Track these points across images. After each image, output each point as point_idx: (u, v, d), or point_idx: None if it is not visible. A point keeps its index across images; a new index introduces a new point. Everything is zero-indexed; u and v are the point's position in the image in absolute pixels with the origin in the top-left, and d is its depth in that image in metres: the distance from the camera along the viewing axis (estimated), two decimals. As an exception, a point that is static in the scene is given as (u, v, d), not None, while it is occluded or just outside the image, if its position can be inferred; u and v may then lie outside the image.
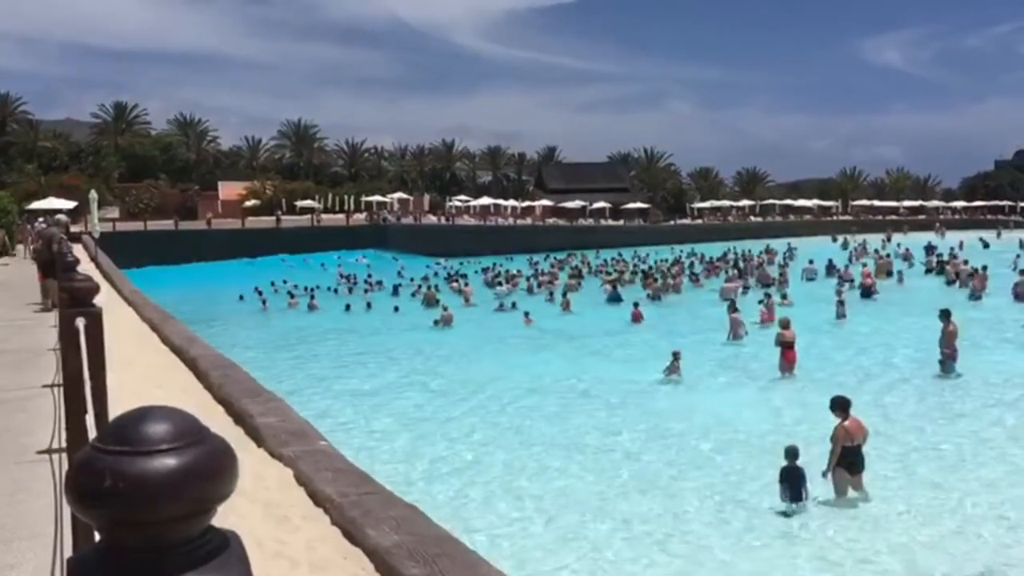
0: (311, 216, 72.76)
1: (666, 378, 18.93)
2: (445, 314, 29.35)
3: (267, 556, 4.51)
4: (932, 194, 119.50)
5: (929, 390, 17.84)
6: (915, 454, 13.25)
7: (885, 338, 24.42)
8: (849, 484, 11.18)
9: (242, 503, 5.24)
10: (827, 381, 18.30)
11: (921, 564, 9.24)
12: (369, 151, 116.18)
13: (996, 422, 15.07)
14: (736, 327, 24.29)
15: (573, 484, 12.31)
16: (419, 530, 4.46)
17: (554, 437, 14.86)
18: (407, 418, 16.57)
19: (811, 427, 13.91)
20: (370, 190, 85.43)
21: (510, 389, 18.93)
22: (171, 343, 11.94)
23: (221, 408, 7.98)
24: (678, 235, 78.94)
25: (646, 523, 10.65)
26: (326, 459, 5.99)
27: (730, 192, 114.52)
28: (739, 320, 24.59)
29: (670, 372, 19.07)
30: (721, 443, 14.14)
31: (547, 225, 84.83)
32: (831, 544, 9.90)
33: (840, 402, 11.63)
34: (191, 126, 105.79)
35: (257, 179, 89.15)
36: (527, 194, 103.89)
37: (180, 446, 0.94)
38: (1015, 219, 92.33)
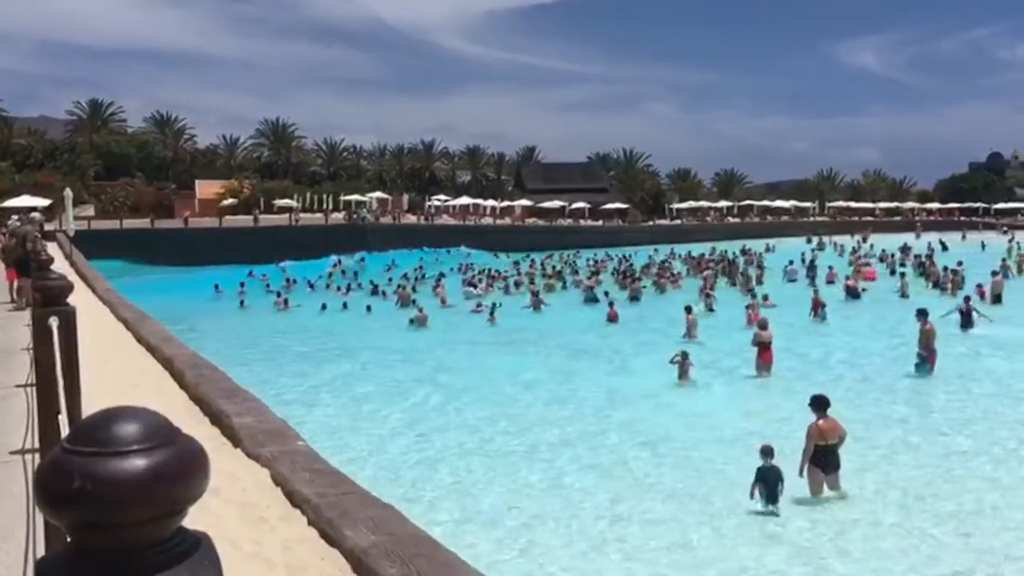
0: (289, 215, 72.39)
1: (679, 382, 18.35)
2: (420, 315, 29.33)
3: (243, 557, 4.48)
4: (907, 196, 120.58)
5: (904, 390, 17.99)
6: (890, 454, 13.35)
7: (862, 338, 24.61)
8: (824, 483, 11.25)
9: (218, 504, 5.20)
10: (803, 381, 18.44)
11: (894, 563, 9.31)
12: (348, 150, 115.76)
13: (970, 422, 15.21)
14: (691, 328, 24.74)
15: (545, 483, 12.29)
16: (396, 530, 4.45)
17: (524, 436, 14.88)
18: (385, 418, 16.52)
19: (787, 426, 14.02)
20: (349, 189, 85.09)
21: (481, 388, 19.01)
22: (146, 342, 11.84)
23: (197, 408, 7.92)
24: (657, 236, 79.22)
25: (620, 523, 10.66)
26: (303, 459, 5.96)
27: (708, 193, 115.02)
28: (694, 321, 25.04)
29: (682, 376, 18.45)
30: (696, 442, 14.20)
31: (526, 225, 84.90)
32: (806, 543, 9.97)
33: (818, 400, 11.71)
34: (168, 124, 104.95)
35: (235, 178, 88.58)
36: (506, 194, 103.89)
37: (150, 447, 0.94)
38: (983, 220, 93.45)
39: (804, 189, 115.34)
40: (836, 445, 11.38)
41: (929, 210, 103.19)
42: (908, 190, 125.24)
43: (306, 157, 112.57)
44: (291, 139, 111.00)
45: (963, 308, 25.21)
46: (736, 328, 25.71)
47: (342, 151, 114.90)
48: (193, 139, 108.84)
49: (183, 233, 62.84)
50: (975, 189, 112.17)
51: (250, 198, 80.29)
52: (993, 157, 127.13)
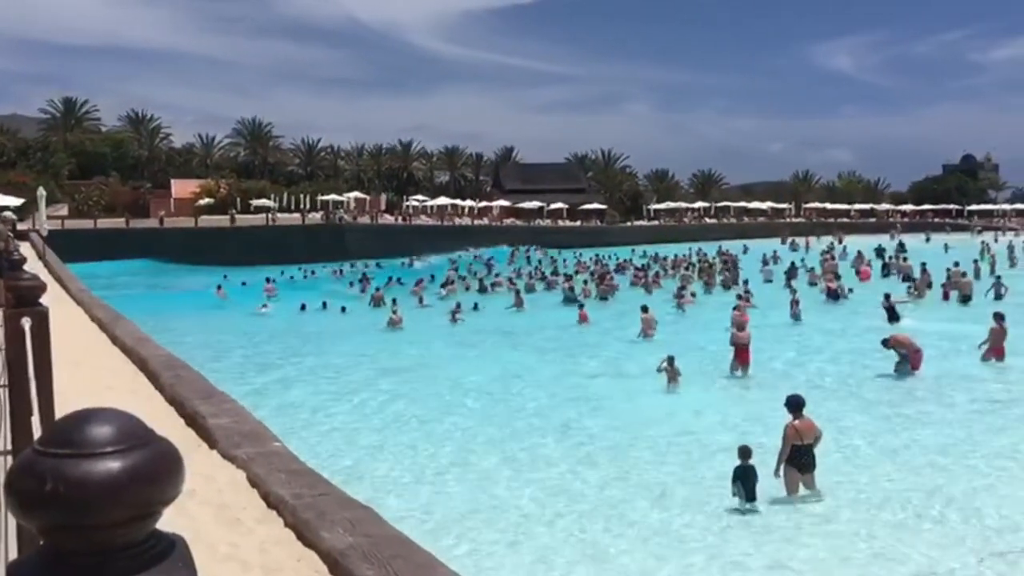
0: (266, 215, 72.00)
1: (667, 387, 18.20)
2: (394, 316, 29.33)
3: (219, 559, 4.45)
4: (882, 197, 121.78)
5: (881, 390, 18.14)
6: (864, 453, 13.47)
7: (839, 338, 24.81)
8: (800, 482, 11.34)
9: (194, 506, 5.17)
10: (779, 381, 18.59)
11: (869, 562, 9.39)
12: (325, 150, 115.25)
13: (946, 422, 15.37)
14: (647, 327, 25.18)
15: (516, 483, 12.29)
16: (374, 531, 4.43)
17: (492, 436, 14.91)
18: (361, 419, 16.47)
19: (762, 426, 14.15)
20: (326, 189, 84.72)
21: (450, 385, 19.18)
22: (121, 343, 11.74)
23: (173, 409, 7.87)
24: (634, 236, 79.52)
25: (597, 524, 10.68)
26: (280, 460, 5.93)
27: (686, 194, 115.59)
28: (650, 320, 25.43)
29: (670, 380, 18.26)
30: (672, 442, 14.25)
31: (504, 225, 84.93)
32: (784, 542, 10.03)
33: (794, 401, 11.80)
34: (143, 123, 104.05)
35: (211, 177, 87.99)
36: (484, 194, 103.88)
37: (124, 448, 0.93)
38: (950, 222, 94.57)
39: (780, 190, 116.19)
40: (812, 445, 11.46)
41: (903, 212, 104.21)
42: (882, 192, 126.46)
43: (283, 157, 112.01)
44: (268, 138, 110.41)
45: (886, 304, 26.26)
46: (716, 329, 25.69)
47: (319, 151, 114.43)
48: (169, 138, 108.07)
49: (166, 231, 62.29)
50: (949, 191, 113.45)
51: (227, 198, 79.79)
52: (966, 159, 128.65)
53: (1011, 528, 10.20)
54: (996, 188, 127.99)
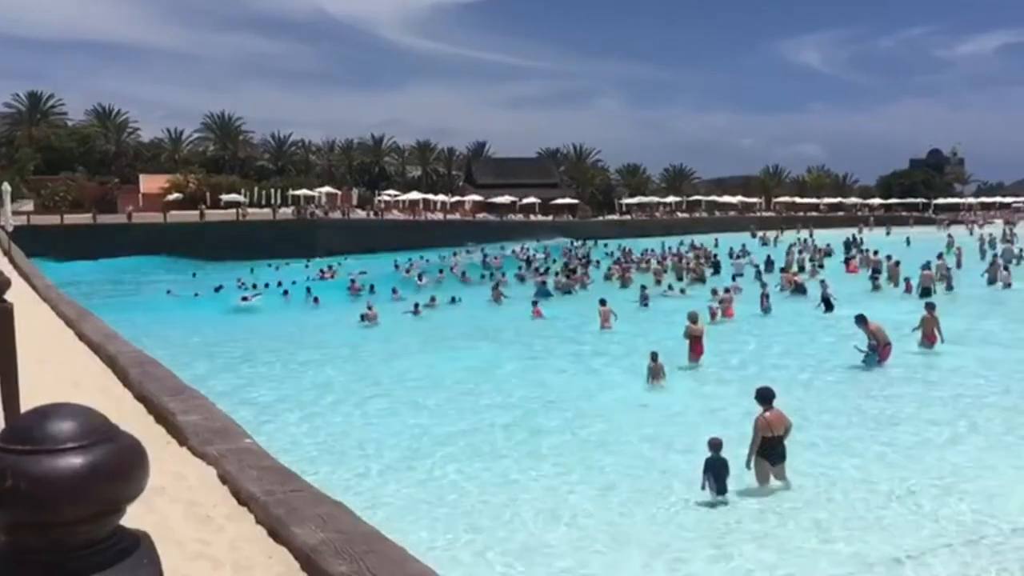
0: (236, 211, 71.43)
1: (650, 384, 17.94)
2: (369, 312, 29.29)
3: (189, 557, 4.41)
4: (850, 191, 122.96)
5: (849, 381, 18.34)
6: (834, 444, 13.60)
7: (808, 332, 25.05)
8: (771, 474, 11.44)
9: (163, 503, 5.12)
10: (744, 373, 18.76)
11: (840, 550, 9.50)
12: (296, 145, 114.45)
13: (912, 413, 15.56)
14: (604, 319, 25.71)
15: (481, 480, 12.28)
16: (346, 527, 4.41)
17: (459, 433, 14.88)
18: (333, 415, 16.41)
19: (718, 418, 14.44)
20: (297, 184, 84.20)
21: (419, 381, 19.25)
22: (88, 340, 11.60)
23: (141, 406, 7.78)
24: (606, 231, 79.74)
25: (564, 517, 10.71)
26: (251, 457, 5.88)
27: (657, 189, 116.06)
28: (607, 313, 25.93)
29: (653, 377, 18.01)
30: (637, 435, 14.34)
31: (477, 220, 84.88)
32: (753, 531, 10.12)
33: (764, 393, 11.89)
34: (110, 117, 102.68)
35: (180, 172, 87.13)
36: (457, 189, 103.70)
37: (86, 444, 0.91)
38: (914, 215, 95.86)
39: (750, 185, 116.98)
40: (783, 437, 11.56)
41: (871, 206, 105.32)
42: (851, 186, 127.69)
43: (253, 151, 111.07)
44: (238, 133, 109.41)
45: (823, 295, 28.07)
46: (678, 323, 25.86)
47: (290, 145, 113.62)
48: (136, 133, 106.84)
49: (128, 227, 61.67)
50: (916, 185, 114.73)
51: (196, 193, 79.06)
52: (933, 153, 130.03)
53: (981, 517, 10.34)
54: (962, 182, 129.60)
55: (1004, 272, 35.71)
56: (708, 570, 9.17)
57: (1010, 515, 10.33)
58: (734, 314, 27.00)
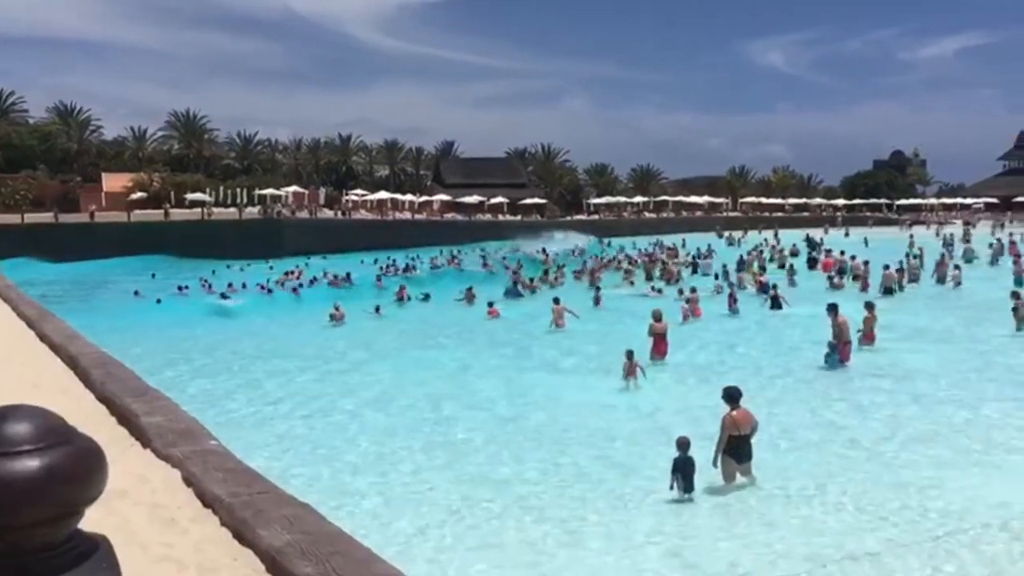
0: (202, 210, 70.72)
1: (625, 382, 17.97)
2: (336, 312, 29.18)
3: (153, 560, 4.36)
4: (815, 192, 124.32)
5: (813, 380, 18.54)
6: (800, 443, 13.75)
7: (774, 331, 25.30)
8: (737, 472, 11.54)
9: (126, 506, 5.06)
10: (710, 372, 18.93)
11: (803, 548, 9.60)
12: (262, 143, 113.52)
13: (876, 412, 15.76)
14: (558, 317, 26.02)
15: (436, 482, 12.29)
16: (312, 528, 4.38)
17: (422, 432, 14.93)
18: (299, 416, 16.31)
19: (684, 416, 14.64)
20: (264, 183, 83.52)
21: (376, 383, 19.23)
22: (50, 340, 11.41)
23: (104, 408, 7.67)
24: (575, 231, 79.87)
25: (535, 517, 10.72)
26: (216, 459, 5.82)
27: (625, 189, 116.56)
28: (561, 311, 26.19)
29: (628, 374, 18.00)
30: (603, 434, 14.42)
31: (445, 220, 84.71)
32: (721, 530, 10.20)
33: (731, 392, 11.99)
34: (72, 115, 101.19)
35: (144, 171, 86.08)
36: (425, 189, 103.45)
37: (43, 447, 0.90)
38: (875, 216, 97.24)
39: (717, 185, 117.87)
40: (749, 435, 11.67)
41: (836, 206, 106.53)
42: (815, 187, 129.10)
43: (219, 150, 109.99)
44: (203, 131, 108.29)
45: (771, 294, 29.32)
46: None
47: (256, 144, 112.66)
48: (99, 130, 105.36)
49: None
50: (879, 185, 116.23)
51: (160, 192, 78.18)
52: (895, 155, 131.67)
53: (943, 512, 10.50)
54: (924, 183, 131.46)
55: (955, 271, 36.24)
56: (675, 567, 9.22)
57: (972, 513, 10.50)
58: (702, 313, 27.23)
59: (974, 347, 21.80)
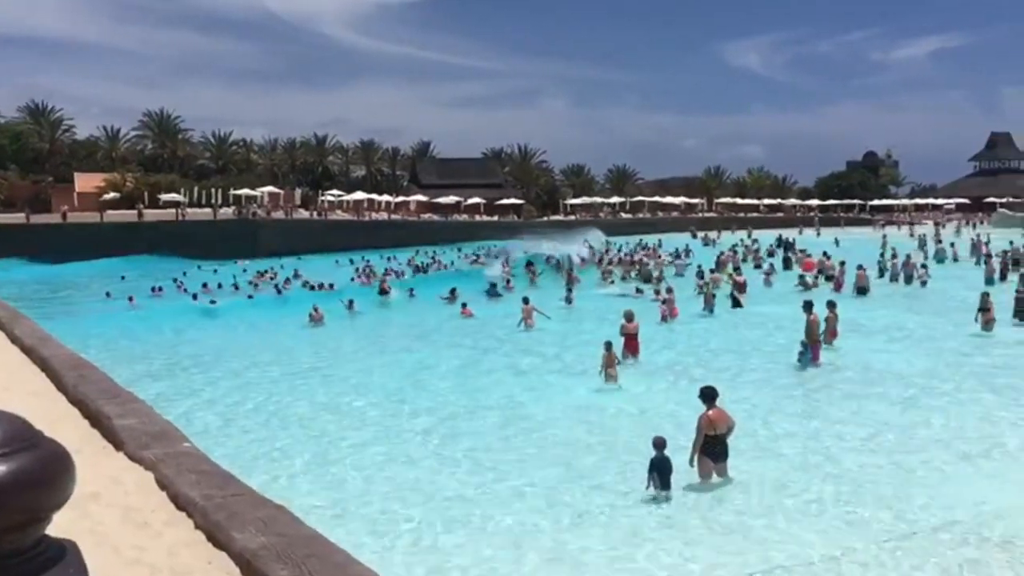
0: (176, 210, 70.18)
1: (603, 375, 17.87)
2: (316, 314, 29.21)
3: (125, 563, 4.31)
4: (789, 192, 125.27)
5: (786, 380, 18.67)
6: (774, 441, 13.85)
7: (748, 330, 25.45)
8: (713, 471, 11.60)
9: (98, 509, 5.00)
10: (686, 371, 19.02)
11: (779, 546, 9.66)
12: (237, 143, 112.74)
13: (850, 409, 15.90)
14: (527, 317, 26.37)
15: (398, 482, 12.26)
16: (288, 531, 4.35)
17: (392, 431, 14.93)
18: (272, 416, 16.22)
19: (670, 416, 14.61)
20: (239, 184, 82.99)
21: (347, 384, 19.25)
22: (21, 343, 11.27)
23: (76, 410, 7.59)
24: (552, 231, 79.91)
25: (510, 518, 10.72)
26: (190, 461, 5.77)
27: (602, 189, 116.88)
28: (530, 311, 26.53)
29: (608, 366, 17.90)
30: (579, 434, 14.47)
31: (422, 220, 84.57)
32: (697, 529, 10.25)
33: (707, 391, 12.05)
34: (44, 114, 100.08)
35: (117, 171, 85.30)
36: (401, 189, 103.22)
37: (8, 452, 0.88)
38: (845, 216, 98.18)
39: (693, 185, 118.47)
40: (725, 435, 11.73)
41: (809, 206, 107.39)
42: (790, 187, 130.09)
43: (193, 150, 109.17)
44: (177, 131, 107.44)
45: (731, 293, 30.01)
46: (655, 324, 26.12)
47: (231, 144, 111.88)
48: (72, 130, 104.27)
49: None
50: (852, 186, 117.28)
51: (133, 192, 77.52)
52: (868, 155, 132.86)
53: (914, 511, 10.61)
54: (896, 184, 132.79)
55: (921, 270, 36.59)
56: (653, 565, 9.26)
57: (943, 510, 10.61)
58: (679, 313, 27.34)
59: (944, 345, 22.05)
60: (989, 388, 17.22)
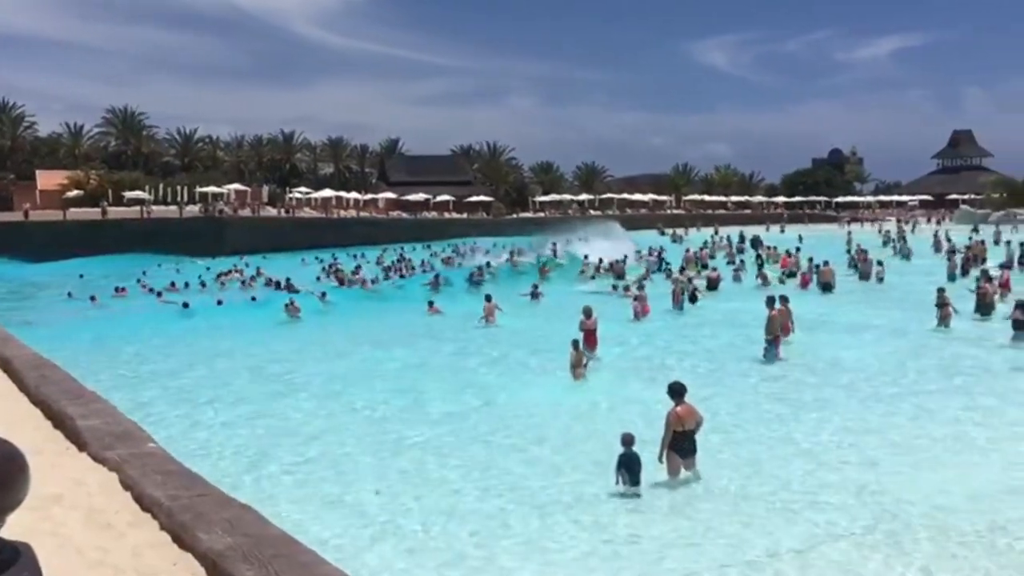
0: (140, 208, 69.35)
1: (572, 379, 17.84)
2: (291, 307, 29.50)
3: (88, 566, 4.26)
4: (756, 190, 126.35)
5: (754, 375, 18.81)
6: (741, 436, 13.95)
7: (718, 327, 25.62)
8: (682, 467, 11.66)
9: (61, 511, 4.94)
10: (655, 368, 19.12)
11: (748, 540, 9.74)
12: (203, 140, 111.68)
13: (811, 404, 16.06)
14: (489, 313, 26.74)
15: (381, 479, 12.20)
16: (254, 531, 4.32)
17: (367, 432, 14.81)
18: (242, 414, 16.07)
19: (639, 412, 14.65)
20: (205, 181, 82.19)
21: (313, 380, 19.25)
22: (-19, 343, 11.09)
23: (38, 411, 7.48)
24: (521, 228, 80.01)
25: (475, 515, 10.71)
26: (155, 461, 5.72)
27: (570, 186, 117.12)
28: (491, 308, 26.87)
29: (575, 365, 17.85)
30: (546, 431, 14.47)
31: (391, 218, 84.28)
32: (667, 524, 10.30)
33: (675, 387, 12.10)
34: (5, 111, 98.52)
35: (80, 168, 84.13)
36: (370, 187, 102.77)
37: (-42, 453, 0.87)
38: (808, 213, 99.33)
39: (661, 183, 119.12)
40: (694, 431, 11.79)
41: (776, 204, 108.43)
42: (757, 184, 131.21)
43: (158, 147, 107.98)
44: (141, 128, 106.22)
45: (689, 290, 30.15)
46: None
47: (197, 141, 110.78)
48: (33, 127, 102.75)
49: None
50: (818, 183, 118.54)
51: (97, 190, 76.49)
52: (833, 153, 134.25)
53: (878, 503, 10.75)
54: (861, 181, 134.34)
55: (878, 267, 36.99)
56: (624, 562, 9.29)
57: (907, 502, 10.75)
58: (650, 311, 27.40)
59: (907, 341, 22.33)
60: (949, 381, 17.49)
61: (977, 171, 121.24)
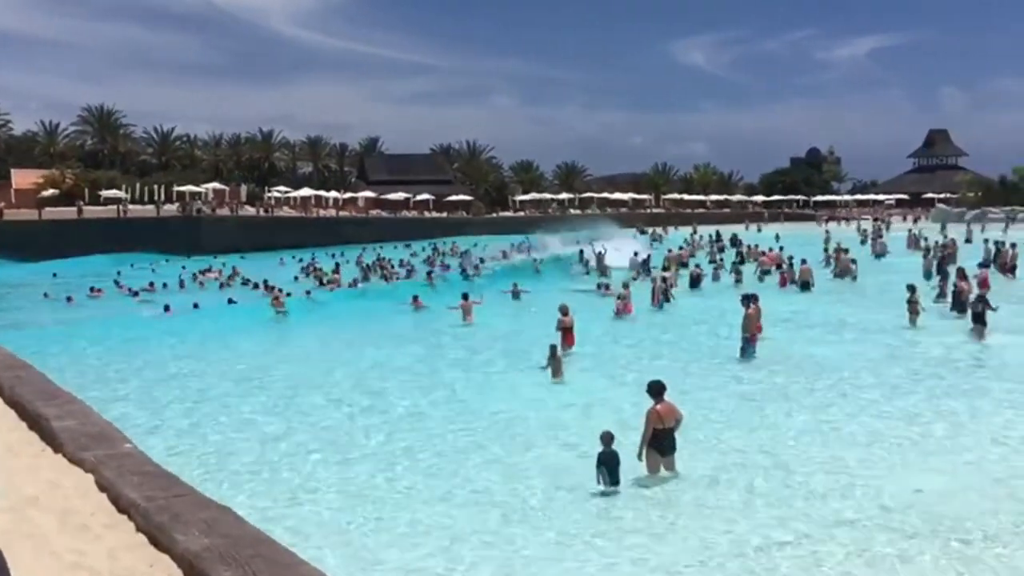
0: (117, 207, 68.78)
1: (551, 378, 17.92)
2: (276, 300, 29.90)
3: (64, 568, 4.23)
4: (735, 188, 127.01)
5: (732, 373, 18.91)
6: (719, 434, 14.02)
7: (698, 325, 25.75)
8: (661, 464, 11.71)
9: (36, 513, 4.89)
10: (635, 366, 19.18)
11: (727, 536, 9.79)
12: (181, 139, 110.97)
13: (790, 404, 16.16)
14: (467, 312, 26.90)
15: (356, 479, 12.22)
16: (232, 532, 4.29)
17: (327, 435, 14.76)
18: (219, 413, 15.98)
19: (618, 410, 14.74)
20: (183, 180, 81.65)
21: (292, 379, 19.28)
22: (-45, 344, 10.95)
23: (13, 412, 7.40)
24: (501, 227, 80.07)
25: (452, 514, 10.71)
26: (131, 462, 5.66)
27: (550, 185, 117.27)
28: (469, 306, 27.00)
29: (555, 374, 17.95)
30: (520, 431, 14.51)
31: (371, 217, 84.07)
32: (647, 522, 10.34)
33: (654, 386, 12.15)
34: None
35: (56, 167, 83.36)
36: (349, 186, 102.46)
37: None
38: (785, 211, 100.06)
39: (641, 182, 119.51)
40: (673, 428, 11.84)
41: (755, 202, 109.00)
42: (736, 183, 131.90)
43: (135, 146, 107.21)
44: (118, 126, 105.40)
45: (661, 289, 30.04)
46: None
47: (174, 140, 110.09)
48: (8, 125, 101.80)
49: None
50: (796, 182, 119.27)
51: (73, 189, 75.81)
52: (811, 152, 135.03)
53: (849, 500, 10.84)
54: (838, 180, 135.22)
55: (853, 266, 37.25)
56: (602, 560, 9.32)
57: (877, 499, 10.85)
58: (632, 309, 27.45)
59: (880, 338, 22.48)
60: (920, 379, 17.64)
61: (953, 170, 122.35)
